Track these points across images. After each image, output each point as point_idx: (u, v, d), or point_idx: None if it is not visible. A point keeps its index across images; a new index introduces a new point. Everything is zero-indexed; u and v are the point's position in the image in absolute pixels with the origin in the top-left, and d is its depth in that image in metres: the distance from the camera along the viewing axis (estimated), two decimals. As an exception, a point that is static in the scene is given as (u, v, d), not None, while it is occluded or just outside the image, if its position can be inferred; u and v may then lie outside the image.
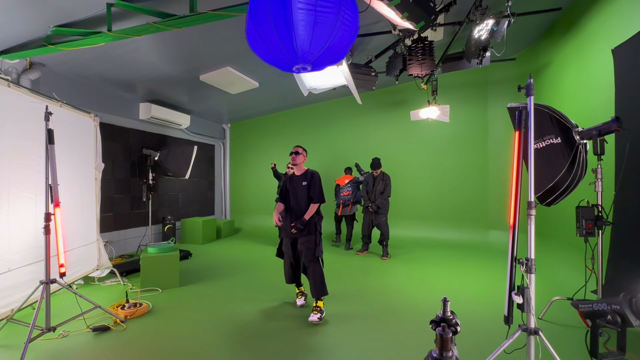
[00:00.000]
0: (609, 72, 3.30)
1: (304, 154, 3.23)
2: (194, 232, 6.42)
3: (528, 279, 1.61)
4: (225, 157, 8.47)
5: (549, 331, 2.54)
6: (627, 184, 2.87)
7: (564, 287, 3.41)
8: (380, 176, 5.23)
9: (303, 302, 3.23)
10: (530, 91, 1.74)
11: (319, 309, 2.89)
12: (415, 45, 3.78)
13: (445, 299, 1.16)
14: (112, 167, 5.20)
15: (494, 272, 4.25)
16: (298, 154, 3.18)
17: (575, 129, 2.75)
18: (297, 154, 3.17)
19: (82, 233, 3.55)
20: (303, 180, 3.17)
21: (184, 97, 5.93)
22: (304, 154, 3.23)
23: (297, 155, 3.17)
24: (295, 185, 3.18)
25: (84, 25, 3.15)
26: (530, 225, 1.67)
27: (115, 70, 4.45)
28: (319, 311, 2.87)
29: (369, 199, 5.26)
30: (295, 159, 3.17)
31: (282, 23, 1.48)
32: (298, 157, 3.17)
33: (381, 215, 5.14)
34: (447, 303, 1.17)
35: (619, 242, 3.07)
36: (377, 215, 5.17)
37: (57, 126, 2.81)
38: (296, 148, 3.22)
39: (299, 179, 3.19)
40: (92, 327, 2.60)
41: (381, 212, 5.14)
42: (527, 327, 1.62)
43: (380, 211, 5.13)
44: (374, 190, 5.21)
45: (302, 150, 3.21)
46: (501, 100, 6.10)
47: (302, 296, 3.28)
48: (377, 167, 5.20)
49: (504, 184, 6.04)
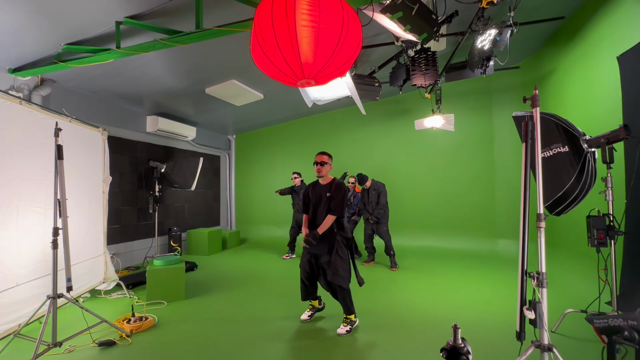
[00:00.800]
0: (615, 79, 3.28)
1: (330, 162, 2.92)
2: (199, 243, 6.42)
3: (540, 294, 1.57)
4: (230, 167, 8.53)
5: (563, 346, 2.46)
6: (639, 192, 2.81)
7: (576, 299, 3.32)
8: (372, 186, 5.25)
9: (308, 317, 3.05)
10: (536, 102, 1.73)
11: (350, 321, 2.83)
12: (418, 56, 3.80)
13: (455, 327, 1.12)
14: (119, 180, 5.26)
15: (504, 283, 4.16)
16: (324, 164, 2.86)
17: (582, 137, 2.72)
18: (322, 165, 2.85)
19: (89, 246, 3.57)
20: (327, 190, 2.89)
21: (190, 110, 6.02)
22: (330, 162, 2.92)
23: (322, 167, 2.86)
24: (319, 195, 2.93)
25: (93, 42, 3.24)
26: (540, 238, 1.64)
27: (123, 85, 4.55)
28: (349, 323, 2.81)
29: (367, 211, 5.28)
30: (321, 171, 2.87)
31: (286, 40, 1.50)
32: (324, 168, 2.86)
33: (382, 224, 5.14)
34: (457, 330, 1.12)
35: (632, 251, 2.99)
36: (377, 225, 5.17)
37: (66, 141, 2.86)
38: (321, 157, 2.87)
39: (323, 188, 2.93)
40: (97, 341, 2.59)
41: (381, 222, 5.14)
42: (541, 344, 1.57)
43: (380, 221, 5.13)
44: (370, 201, 5.23)
45: (327, 159, 2.89)
46: (506, 108, 6.08)
47: (310, 310, 3.10)
48: (363, 182, 5.25)
49: (511, 192, 5.97)
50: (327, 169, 2.90)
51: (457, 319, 3.05)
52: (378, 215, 5.11)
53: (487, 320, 3.01)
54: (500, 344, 2.52)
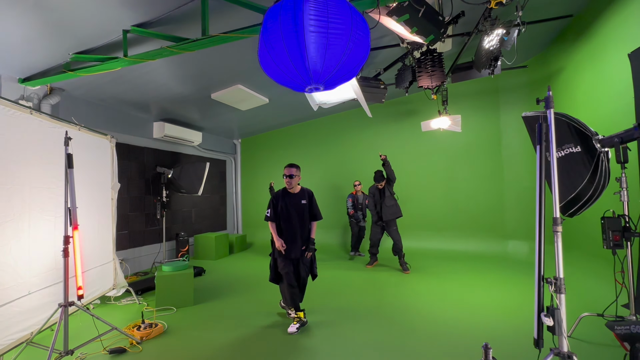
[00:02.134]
0: (627, 77, 3.22)
1: (299, 174, 3.10)
2: (207, 248, 6.44)
3: (558, 300, 1.53)
4: (236, 172, 8.56)
5: (580, 351, 2.41)
6: (655, 192, 2.74)
7: (591, 302, 3.25)
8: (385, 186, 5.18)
9: (296, 330, 2.92)
10: (549, 104, 1.69)
11: (300, 319, 3.01)
12: (424, 57, 3.77)
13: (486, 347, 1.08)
14: (127, 186, 5.30)
15: (516, 286, 4.09)
16: (293, 177, 3.03)
17: (595, 137, 2.67)
18: (291, 178, 3.03)
19: (99, 253, 3.59)
20: (302, 198, 3.10)
21: (196, 115, 6.05)
22: (299, 174, 3.10)
23: (292, 179, 3.03)
24: (295, 204, 3.08)
25: (101, 51, 3.27)
26: (557, 242, 1.60)
27: (130, 92, 4.59)
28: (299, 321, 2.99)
29: (376, 213, 5.20)
30: (291, 183, 3.04)
31: (294, 46, 1.50)
32: (293, 180, 3.04)
33: (391, 223, 5.07)
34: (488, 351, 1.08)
35: (649, 253, 2.91)
36: (387, 224, 5.09)
37: (75, 149, 2.89)
38: (290, 170, 3.04)
39: (297, 197, 3.11)
40: (108, 349, 2.60)
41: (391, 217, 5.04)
42: (560, 351, 1.53)
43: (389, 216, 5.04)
44: (382, 203, 5.13)
45: (296, 172, 3.07)
46: (513, 107, 6.01)
47: (298, 323, 2.97)
48: (380, 180, 5.14)
49: (520, 192, 5.89)
50: (296, 181, 3.08)
51: (470, 324, 3.01)
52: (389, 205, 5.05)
53: (501, 326, 2.96)
54: (516, 351, 2.46)
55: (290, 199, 3.10)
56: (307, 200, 3.11)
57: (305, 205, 3.10)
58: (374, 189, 5.30)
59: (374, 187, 5.32)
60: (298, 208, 3.08)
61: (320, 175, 7.56)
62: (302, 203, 3.09)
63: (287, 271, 3.04)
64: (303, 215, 3.09)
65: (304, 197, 3.11)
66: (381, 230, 5.22)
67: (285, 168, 3.08)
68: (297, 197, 3.11)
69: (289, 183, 3.05)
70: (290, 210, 3.07)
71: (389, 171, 5.04)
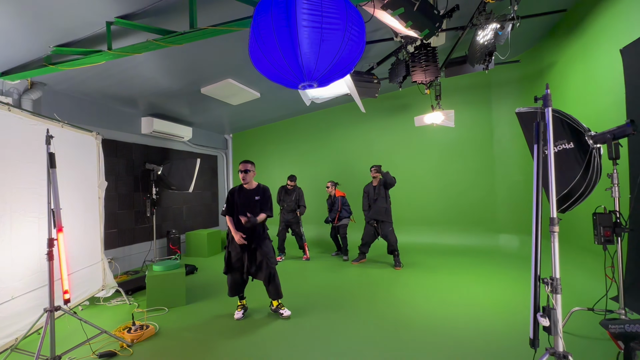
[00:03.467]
0: (618, 73, 3.23)
1: (253, 169, 3.29)
2: (199, 245, 6.35)
3: (554, 300, 1.53)
4: (228, 167, 8.44)
5: (572, 346, 2.44)
6: (645, 188, 2.78)
7: (582, 296, 3.31)
8: (380, 183, 5.08)
9: (242, 315, 3.25)
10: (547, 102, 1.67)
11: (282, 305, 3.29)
12: (418, 52, 3.73)
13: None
14: (115, 183, 5.16)
15: (507, 280, 4.14)
16: (248, 172, 3.23)
17: (588, 133, 2.67)
18: (246, 173, 3.22)
19: (86, 254, 3.50)
20: (255, 194, 3.27)
21: (185, 110, 5.91)
22: (254, 170, 3.30)
23: (246, 174, 3.22)
24: (248, 199, 3.24)
25: (84, 44, 3.13)
26: (553, 242, 1.59)
27: (116, 87, 4.43)
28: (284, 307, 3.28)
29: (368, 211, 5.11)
30: (246, 178, 3.23)
31: (287, 42, 1.43)
32: (248, 175, 3.23)
33: (387, 224, 4.98)
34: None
35: (637, 247, 2.97)
36: (382, 225, 5.00)
37: (59, 147, 2.77)
38: (245, 166, 3.24)
39: (251, 193, 3.28)
40: (98, 353, 2.53)
41: (386, 221, 4.98)
42: (556, 351, 1.53)
43: (383, 218, 4.95)
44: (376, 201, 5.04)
45: (251, 167, 3.26)
46: (505, 102, 6.03)
47: (242, 309, 3.30)
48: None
49: (511, 186, 5.94)
50: (251, 176, 3.25)
51: (463, 320, 3.03)
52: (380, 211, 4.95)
53: (494, 321, 2.98)
54: (511, 348, 2.48)
55: (244, 194, 3.27)
56: (260, 197, 3.26)
57: (258, 202, 3.24)
58: (369, 187, 5.21)
59: (369, 185, 5.26)
60: (250, 203, 3.22)
61: (312, 170, 7.51)
62: (255, 199, 3.24)
63: (239, 263, 3.22)
64: (255, 210, 3.20)
65: (257, 193, 3.27)
66: (374, 232, 5.09)
67: (240, 164, 3.27)
68: (251, 192, 3.28)
69: (243, 178, 3.23)
70: (242, 205, 3.21)
71: (387, 178, 4.95)
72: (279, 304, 3.30)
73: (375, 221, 5.04)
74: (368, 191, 5.20)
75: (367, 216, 5.16)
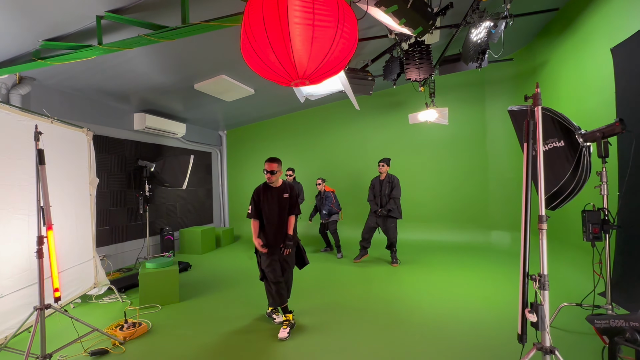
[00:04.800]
0: (609, 72, 3.27)
1: (281, 169, 2.98)
2: (193, 242, 6.33)
3: (542, 296, 1.56)
4: (222, 164, 8.39)
5: (560, 341, 2.49)
6: (633, 186, 2.83)
7: (570, 292, 3.37)
8: (387, 178, 5.07)
9: (287, 335, 2.73)
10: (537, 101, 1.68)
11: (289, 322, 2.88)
12: (412, 49, 3.73)
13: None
14: (107, 180, 5.11)
15: (499, 276, 4.20)
16: (275, 173, 2.90)
17: (578, 132, 2.71)
18: (273, 174, 2.89)
19: (77, 251, 3.46)
20: (283, 192, 2.98)
21: (178, 106, 5.85)
22: (281, 169, 2.98)
23: (273, 175, 2.90)
24: (277, 199, 2.96)
25: (73, 38, 3.08)
26: (541, 239, 1.62)
27: (108, 82, 4.37)
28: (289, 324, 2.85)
29: (376, 204, 5.10)
30: (272, 179, 2.93)
31: (278, 38, 1.42)
32: (275, 176, 2.91)
33: (391, 220, 4.95)
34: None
35: (625, 244, 3.02)
36: (386, 220, 4.97)
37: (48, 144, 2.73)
38: (271, 165, 2.89)
39: (279, 191, 2.98)
40: (89, 351, 2.52)
41: (392, 216, 4.94)
42: (543, 346, 1.56)
43: (391, 214, 4.93)
44: (382, 194, 5.05)
45: (278, 167, 2.92)
46: (499, 100, 6.07)
47: (288, 327, 2.81)
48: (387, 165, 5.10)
49: (504, 183, 6.00)
50: (278, 177, 2.95)
51: (455, 315, 3.07)
52: (391, 207, 4.92)
53: (485, 316, 3.02)
54: (500, 343, 2.52)
55: (273, 193, 2.98)
56: (288, 195, 3.00)
57: (287, 200, 2.99)
58: (376, 180, 5.19)
59: (376, 178, 5.22)
60: (280, 203, 2.97)
61: (307, 167, 7.50)
62: (284, 197, 2.98)
63: (271, 268, 2.90)
64: (284, 210, 2.97)
65: (285, 191, 2.99)
66: (376, 223, 5.06)
67: (266, 162, 2.93)
68: (278, 191, 2.98)
69: (269, 179, 2.94)
70: (271, 206, 2.95)
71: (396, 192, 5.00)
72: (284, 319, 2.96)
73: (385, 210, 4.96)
74: (375, 184, 5.18)
75: (373, 206, 5.11)
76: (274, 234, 2.94)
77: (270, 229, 2.96)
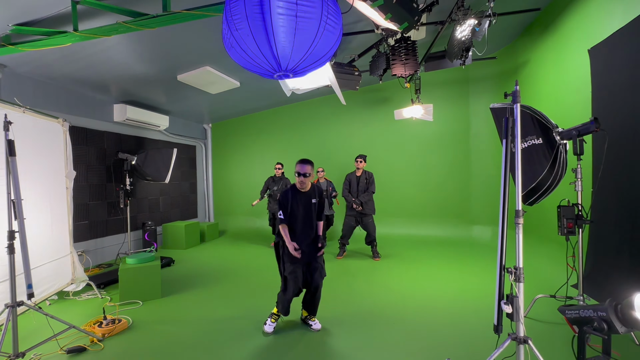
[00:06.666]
0: (586, 72, 3.38)
1: (313, 171, 2.75)
2: (176, 237, 6.22)
3: (517, 288, 1.61)
4: (207, 158, 8.25)
5: (535, 331, 2.59)
6: (606, 183, 2.95)
7: (545, 284, 3.50)
8: (363, 175, 5.12)
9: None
10: (516, 98, 1.72)
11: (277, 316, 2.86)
12: (398, 45, 3.74)
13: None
14: (86, 173, 4.93)
15: (478, 269, 4.33)
16: (308, 176, 2.69)
17: (555, 130, 2.79)
18: (306, 177, 2.69)
19: (53, 246, 3.34)
20: (312, 197, 2.79)
21: (161, 98, 5.69)
22: (313, 172, 2.75)
23: (306, 178, 2.70)
24: (306, 204, 2.77)
25: (47, 24, 2.93)
26: (518, 234, 1.67)
27: (86, 71, 4.19)
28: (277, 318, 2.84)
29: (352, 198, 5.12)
30: (305, 182, 2.73)
31: (261, 29, 1.39)
32: (307, 179, 2.72)
33: (368, 215, 5.04)
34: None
35: (597, 238, 3.16)
36: (363, 216, 5.06)
37: (20, 134, 2.60)
38: (303, 168, 2.68)
39: (308, 196, 2.78)
40: (66, 348, 2.44)
41: (367, 212, 5.03)
42: (517, 336, 1.62)
43: (366, 210, 5.01)
44: (358, 189, 5.09)
45: (311, 170, 2.71)
46: (482, 97, 6.19)
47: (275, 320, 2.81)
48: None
49: (486, 179, 6.16)
50: (309, 180, 2.78)
51: (435, 308, 3.14)
52: (363, 200, 4.94)
53: (464, 308, 3.11)
54: (478, 333, 2.60)
55: (300, 197, 2.76)
56: (317, 199, 2.82)
57: (315, 205, 2.81)
58: (352, 176, 5.18)
59: (352, 173, 5.22)
60: (311, 208, 2.79)
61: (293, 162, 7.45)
62: (313, 202, 2.79)
63: (293, 276, 2.71)
64: (312, 215, 2.80)
65: (314, 195, 2.81)
66: (355, 222, 5.14)
67: (297, 164, 2.71)
68: (308, 196, 2.78)
69: (302, 182, 2.72)
70: (302, 211, 2.76)
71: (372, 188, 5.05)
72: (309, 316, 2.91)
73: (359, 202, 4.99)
74: (351, 179, 5.17)
75: (349, 200, 5.11)
76: (300, 239, 2.75)
77: (300, 236, 2.77)
